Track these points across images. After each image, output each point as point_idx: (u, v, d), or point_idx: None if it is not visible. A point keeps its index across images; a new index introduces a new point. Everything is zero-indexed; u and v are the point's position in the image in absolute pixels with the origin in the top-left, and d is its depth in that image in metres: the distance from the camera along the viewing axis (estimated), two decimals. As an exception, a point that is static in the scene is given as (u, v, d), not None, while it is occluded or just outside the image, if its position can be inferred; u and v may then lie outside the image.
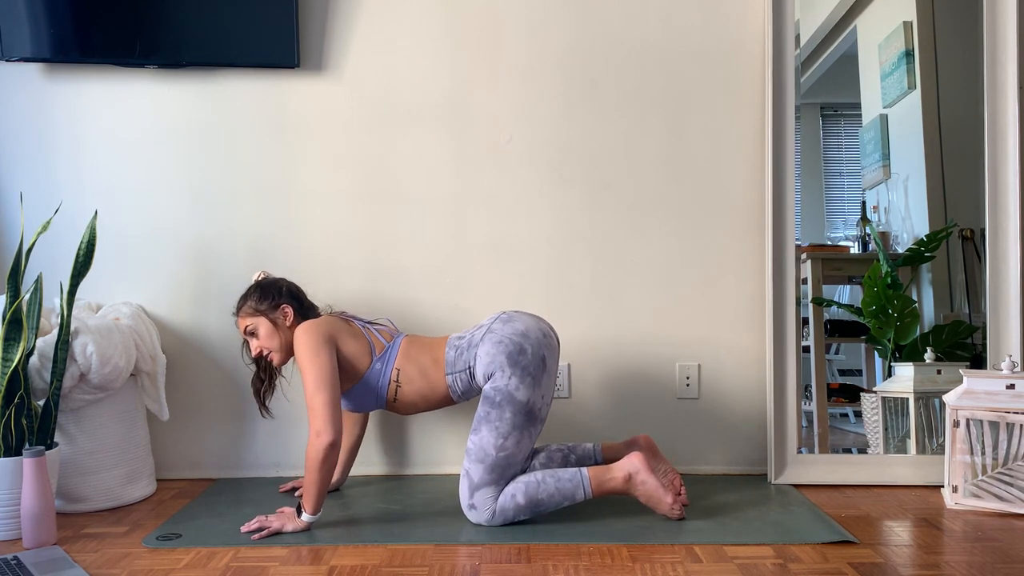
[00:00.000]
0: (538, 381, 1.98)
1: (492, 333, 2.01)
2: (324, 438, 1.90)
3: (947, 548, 1.82)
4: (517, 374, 1.96)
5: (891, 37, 2.50)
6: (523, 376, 1.96)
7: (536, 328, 2.03)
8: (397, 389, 2.07)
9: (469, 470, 1.97)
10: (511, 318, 2.05)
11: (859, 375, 2.49)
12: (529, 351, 1.98)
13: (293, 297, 2.16)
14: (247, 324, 2.13)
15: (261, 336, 2.12)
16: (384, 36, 2.48)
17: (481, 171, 2.49)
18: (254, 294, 2.14)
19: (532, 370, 1.97)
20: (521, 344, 1.98)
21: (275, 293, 2.14)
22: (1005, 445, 2.09)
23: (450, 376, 2.04)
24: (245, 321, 2.13)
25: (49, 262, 2.47)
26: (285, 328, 2.12)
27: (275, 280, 2.19)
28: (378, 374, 2.06)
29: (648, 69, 2.48)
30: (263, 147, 2.48)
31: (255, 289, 2.16)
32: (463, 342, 2.06)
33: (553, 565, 1.72)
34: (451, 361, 2.05)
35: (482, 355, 1.99)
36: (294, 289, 2.19)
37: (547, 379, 2.01)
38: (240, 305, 2.15)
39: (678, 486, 2.09)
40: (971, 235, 2.46)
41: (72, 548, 1.86)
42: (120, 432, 2.21)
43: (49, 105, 2.46)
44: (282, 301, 2.13)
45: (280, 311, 2.12)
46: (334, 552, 1.81)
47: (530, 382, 1.97)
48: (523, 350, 1.97)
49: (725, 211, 2.49)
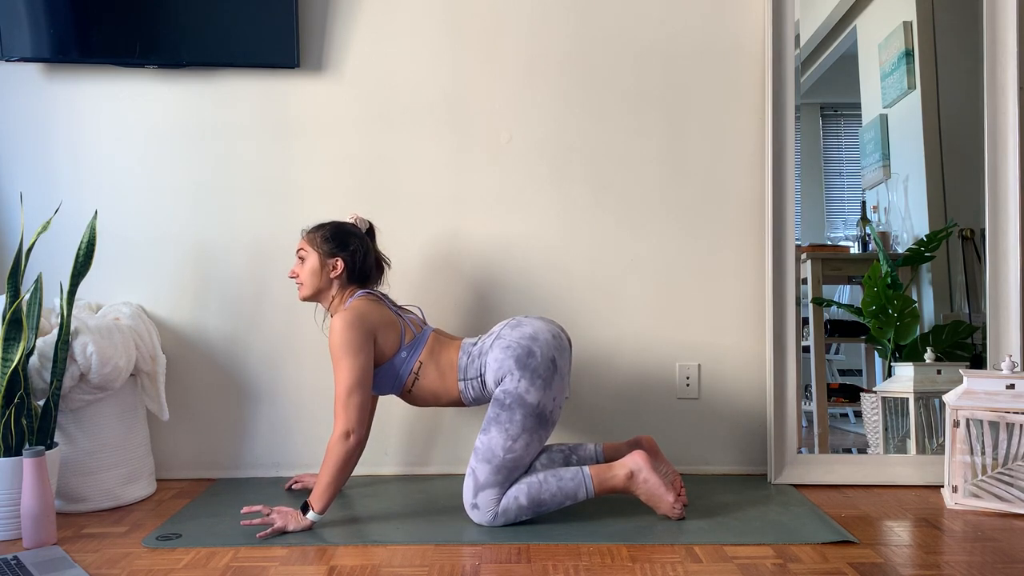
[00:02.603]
0: (548, 383, 1.98)
1: (500, 339, 2.01)
2: (354, 439, 1.91)
3: (947, 548, 1.82)
4: (527, 377, 1.96)
5: (891, 37, 2.50)
6: (533, 379, 1.96)
7: (546, 330, 2.02)
8: (415, 381, 2.06)
9: (475, 469, 1.97)
10: (519, 323, 2.04)
11: (859, 375, 2.49)
12: (538, 353, 1.98)
13: (353, 258, 2.11)
14: (302, 249, 2.12)
15: (306, 267, 2.10)
16: (384, 36, 2.48)
17: (481, 171, 2.49)
18: (328, 229, 2.12)
19: (542, 372, 1.97)
20: (530, 347, 1.98)
21: (343, 242, 2.11)
22: (1005, 445, 2.09)
23: (462, 383, 2.04)
24: (303, 245, 2.12)
25: (49, 262, 2.47)
26: (328, 277, 2.10)
27: (354, 231, 2.14)
28: (402, 362, 2.05)
29: (648, 69, 2.48)
30: (263, 147, 2.48)
31: (332, 228, 2.12)
32: (475, 349, 2.05)
33: (553, 565, 1.72)
34: (463, 367, 2.04)
35: (491, 362, 1.99)
36: (360, 253, 2.12)
37: (558, 381, 2.00)
38: (312, 229, 2.13)
39: (678, 486, 2.09)
40: (971, 235, 2.46)
41: (72, 548, 1.86)
42: (120, 432, 2.21)
43: (49, 105, 2.46)
44: (341, 254, 2.10)
45: (334, 260, 2.10)
46: (335, 552, 1.81)
47: (540, 384, 1.96)
48: (532, 353, 1.97)
49: (725, 211, 2.49)
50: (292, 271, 2.13)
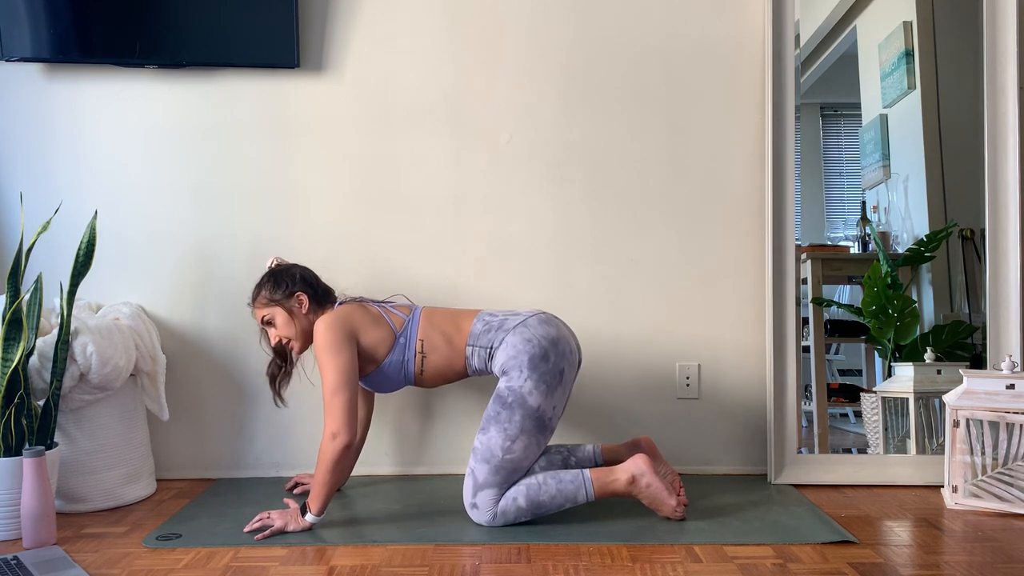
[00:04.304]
0: (552, 390, 1.98)
1: (526, 328, 2.00)
2: (341, 440, 1.90)
3: (947, 548, 1.82)
4: (534, 378, 1.96)
5: (891, 37, 2.50)
6: (538, 382, 1.96)
7: (567, 341, 2.03)
8: (423, 360, 2.05)
9: (475, 469, 1.97)
10: (548, 321, 2.04)
11: (859, 375, 2.49)
12: (552, 359, 1.98)
13: (307, 284, 2.12)
14: (263, 314, 2.11)
15: (278, 325, 2.09)
16: (384, 36, 2.48)
17: (481, 171, 2.49)
18: (267, 283, 2.11)
19: (548, 379, 1.97)
20: (547, 351, 1.98)
21: (288, 281, 2.10)
22: (1005, 445, 2.09)
23: (470, 348, 2.04)
24: (261, 311, 2.11)
25: (49, 262, 2.47)
26: (301, 316, 2.09)
27: (288, 267, 2.15)
28: (402, 349, 2.05)
29: (648, 69, 2.48)
30: (263, 147, 2.48)
31: (268, 278, 2.12)
32: (495, 320, 2.05)
33: (553, 565, 1.72)
34: (476, 334, 2.04)
35: (507, 344, 1.99)
36: (308, 275, 2.14)
37: (561, 391, 2.00)
38: (255, 294, 2.12)
39: (677, 487, 2.09)
40: (971, 235, 2.46)
41: (72, 548, 1.86)
42: (120, 432, 2.21)
43: (49, 105, 2.46)
44: (296, 289, 2.10)
45: (295, 299, 2.09)
46: (334, 552, 1.81)
47: (544, 390, 1.97)
48: (547, 357, 1.97)
49: (725, 211, 2.49)
50: (272, 340, 2.11)
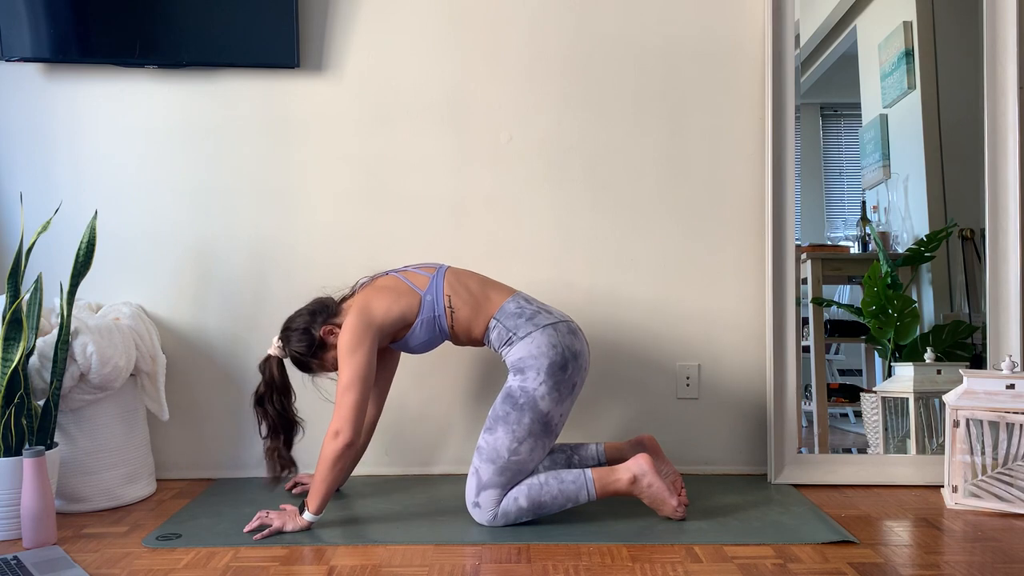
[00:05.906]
0: (563, 399, 1.99)
1: (555, 332, 2.00)
2: (342, 438, 1.90)
3: (947, 548, 1.82)
4: (549, 384, 1.96)
5: (891, 37, 2.50)
6: (552, 389, 1.96)
7: (585, 357, 2.04)
8: (452, 315, 2.05)
9: (479, 469, 1.97)
10: (575, 332, 2.04)
11: (859, 375, 2.49)
12: (569, 371, 1.99)
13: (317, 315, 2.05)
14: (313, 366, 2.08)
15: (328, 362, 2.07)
16: (384, 36, 2.48)
17: (481, 171, 2.49)
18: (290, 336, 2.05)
19: (562, 388, 1.98)
20: (568, 361, 1.98)
21: (306, 322, 2.04)
22: (1005, 445, 2.09)
23: (494, 321, 2.03)
24: (327, 371, 2.10)
25: (49, 262, 2.47)
26: (335, 338, 2.04)
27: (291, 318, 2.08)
28: (431, 306, 2.03)
29: (648, 69, 2.48)
30: (263, 147, 2.48)
31: (287, 332, 2.06)
32: (528, 309, 2.04)
33: (553, 565, 1.72)
34: (507, 312, 2.03)
35: (532, 341, 1.99)
36: (311, 308, 2.07)
37: (570, 401, 2.02)
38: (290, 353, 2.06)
39: (679, 487, 2.09)
40: (971, 235, 2.46)
41: (72, 548, 1.86)
42: (120, 432, 2.21)
43: (49, 105, 2.46)
44: (316, 326, 2.03)
45: (321, 331, 2.03)
46: (334, 552, 1.81)
47: (556, 397, 1.97)
48: (566, 367, 1.98)
49: (725, 211, 2.49)
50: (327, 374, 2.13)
